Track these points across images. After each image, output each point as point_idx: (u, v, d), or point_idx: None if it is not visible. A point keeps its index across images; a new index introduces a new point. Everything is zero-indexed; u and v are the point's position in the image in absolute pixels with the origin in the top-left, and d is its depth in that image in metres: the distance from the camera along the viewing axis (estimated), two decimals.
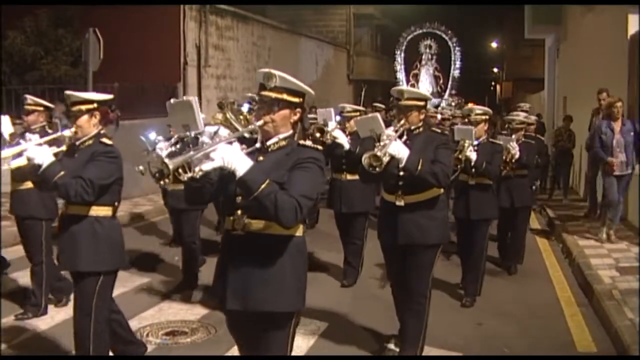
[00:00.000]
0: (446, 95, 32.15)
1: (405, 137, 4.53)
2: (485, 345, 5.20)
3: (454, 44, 32.59)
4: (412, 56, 32.96)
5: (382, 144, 4.32)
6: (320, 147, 3.16)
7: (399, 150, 4.30)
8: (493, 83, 47.68)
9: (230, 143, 2.90)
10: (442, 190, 4.65)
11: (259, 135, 3.13)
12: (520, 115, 7.91)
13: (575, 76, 14.42)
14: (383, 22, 34.29)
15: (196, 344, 5.21)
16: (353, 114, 6.80)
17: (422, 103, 4.61)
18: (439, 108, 13.71)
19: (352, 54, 30.41)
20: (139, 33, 15.21)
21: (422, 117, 4.62)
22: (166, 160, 2.76)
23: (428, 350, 4.95)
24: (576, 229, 9.24)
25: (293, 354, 4.96)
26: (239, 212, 3.04)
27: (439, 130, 4.89)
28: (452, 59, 32.62)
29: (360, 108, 7.30)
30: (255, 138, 3.16)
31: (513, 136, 7.12)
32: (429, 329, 4.81)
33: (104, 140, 4.17)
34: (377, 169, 4.22)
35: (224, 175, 2.98)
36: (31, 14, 14.91)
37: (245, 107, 6.92)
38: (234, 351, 4.94)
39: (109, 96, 4.41)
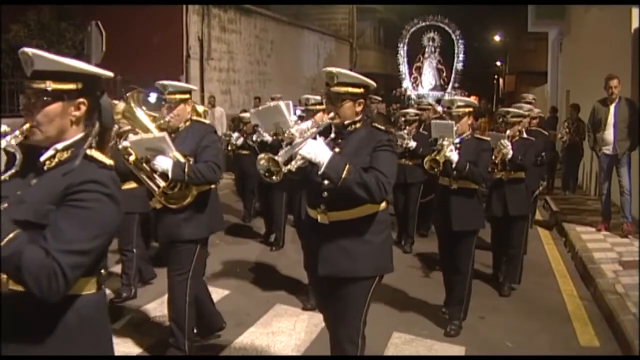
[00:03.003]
0: (449, 89, 32.17)
1: (333, 135, 3.52)
2: (488, 339, 5.20)
3: (457, 37, 32.56)
4: (415, 49, 32.99)
5: (287, 143, 3.35)
6: (109, 162, 2.19)
7: (316, 152, 3.20)
8: (496, 76, 47.55)
9: None
10: (382, 205, 3.52)
11: (18, 152, 2.13)
12: (524, 108, 7.11)
13: (578, 70, 14.38)
14: (386, 15, 34.23)
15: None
16: (318, 107, 5.65)
17: (359, 90, 3.48)
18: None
19: (355, 47, 30.37)
20: (142, 26, 15.25)
21: (359, 109, 3.50)
22: None
23: (431, 344, 4.99)
24: (579, 223, 9.24)
25: (293, 352, 4.99)
26: None
27: (382, 127, 3.64)
28: (455, 52, 32.61)
29: None
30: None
31: (507, 132, 6.12)
32: (432, 321, 4.79)
33: None
34: (275, 177, 3.14)
35: None
36: (34, 7, 14.97)
37: (153, 97, 5.84)
38: (234, 350, 4.97)
39: None
